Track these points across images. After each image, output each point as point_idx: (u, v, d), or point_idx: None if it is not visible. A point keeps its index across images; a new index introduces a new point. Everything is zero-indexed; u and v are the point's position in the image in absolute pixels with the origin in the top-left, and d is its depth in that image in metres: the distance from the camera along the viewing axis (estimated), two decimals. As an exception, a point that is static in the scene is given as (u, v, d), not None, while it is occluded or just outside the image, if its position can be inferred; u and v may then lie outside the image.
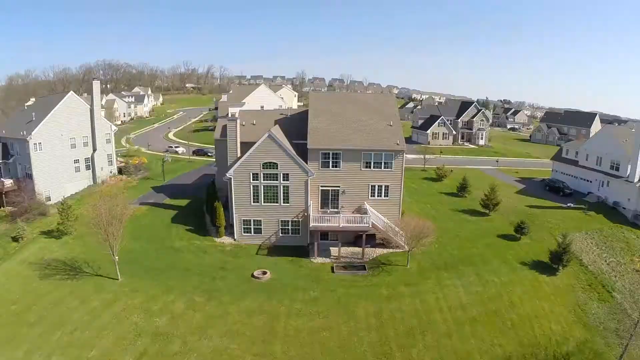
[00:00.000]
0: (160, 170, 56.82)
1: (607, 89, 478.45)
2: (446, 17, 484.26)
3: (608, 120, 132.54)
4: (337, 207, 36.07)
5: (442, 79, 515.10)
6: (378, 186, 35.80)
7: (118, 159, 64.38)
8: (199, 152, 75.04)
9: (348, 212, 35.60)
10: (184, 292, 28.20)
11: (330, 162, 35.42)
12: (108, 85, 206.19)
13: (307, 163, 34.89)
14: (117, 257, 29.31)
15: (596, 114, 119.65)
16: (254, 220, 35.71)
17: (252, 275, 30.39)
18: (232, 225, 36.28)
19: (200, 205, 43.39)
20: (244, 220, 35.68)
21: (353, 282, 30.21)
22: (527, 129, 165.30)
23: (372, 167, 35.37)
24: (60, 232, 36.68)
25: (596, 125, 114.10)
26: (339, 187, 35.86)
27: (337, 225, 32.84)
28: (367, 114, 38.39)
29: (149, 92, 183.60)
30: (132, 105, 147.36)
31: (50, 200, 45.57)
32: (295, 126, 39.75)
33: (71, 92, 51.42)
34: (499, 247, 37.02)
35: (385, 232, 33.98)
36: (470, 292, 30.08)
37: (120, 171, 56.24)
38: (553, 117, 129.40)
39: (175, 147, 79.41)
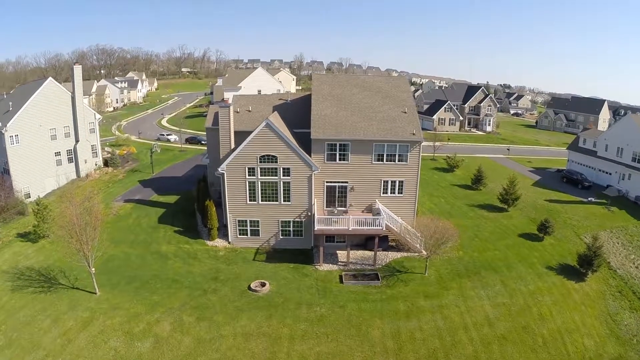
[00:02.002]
0: (149, 161, 52.51)
1: (605, 75, 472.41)
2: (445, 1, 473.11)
3: (613, 107, 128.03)
4: (344, 206, 32.03)
5: (442, 63, 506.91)
6: (391, 182, 31.63)
7: (105, 148, 60.17)
8: (191, 140, 70.35)
9: (357, 212, 31.62)
10: (170, 310, 24.27)
11: (337, 155, 31.14)
12: (102, 71, 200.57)
13: (310, 155, 30.70)
14: (93, 269, 25.35)
15: (604, 100, 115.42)
16: (250, 221, 31.63)
17: (249, 288, 26.42)
18: (225, 226, 32.30)
19: (191, 202, 39.12)
20: (239, 220, 31.61)
21: (365, 294, 26.34)
22: (531, 114, 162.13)
23: (384, 160, 31.18)
24: (37, 235, 32.71)
25: (604, 113, 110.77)
26: (346, 183, 31.72)
27: (346, 228, 28.74)
28: (378, 99, 33.95)
29: (143, 77, 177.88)
30: (125, 91, 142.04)
31: (29, 197, 41.52)
32: (296, 113, 35.43)
33: (50, 78, 46.81)
34: (522, 249, 33.54)
35: (403, 236, 30.06)
36: (497, 303, 26.55)
37: (106, 163, 51.85)
38: (560, 103, 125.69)
39: (167, 134, 74.61)
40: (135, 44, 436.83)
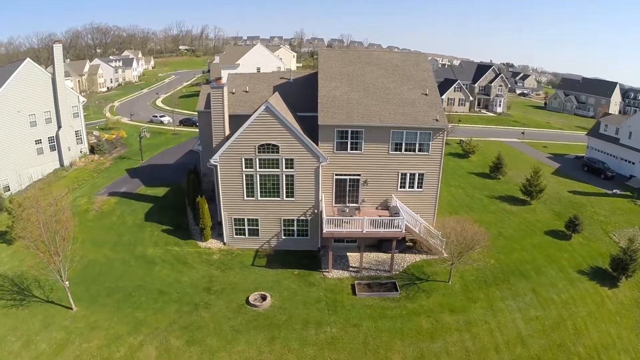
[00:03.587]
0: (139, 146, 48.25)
1: (608, 56, 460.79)
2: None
3: (622, 90, 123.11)
4: (356, 202, 28.19)
5: (443, 41, 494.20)
6: (410, 174, 27.63)
7: (94, 133, 56.00)
8: (186, 122, 65.50)
9: (370, 208, 27.80)
10: (156, 331, 20.67)
11: (349, 144, 27.02)
12: (97, 50, 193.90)
13: (317, 144, 26.64)
14: (67, 283, 21.68)
15: (616, 83, 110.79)
16: (248, 220, 27.78)
17: (248, 302, 22.72)
18: (220, 223, 28.45)
19: (182, 195, 35.06)
20: (235, 219, 27.80)
21: (382, 309, 22.71)
22: (537, 94, 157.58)
23: (402, 149, 27.11)
24: (12, 236, 28.91)
25: (616, 96, 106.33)
26: (359, 176, 27.76)
27: (360, 230, 24.85)
28: (395, 79, 29.53)
29: (139, 55, 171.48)
30: (120, 70, 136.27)
31: (9, 190, 37.72)
32: (300, 94, 31.15)
33: (27, 59, 42.19)
34: (550, 249, 30.11)
35: (425, 239, 26.32)
36: (529, 317, 23.22)
37: (92, 149, 47.67)
38: (570, 84, 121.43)
39: (161, 116, 69.74)
40: (132, 22, 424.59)
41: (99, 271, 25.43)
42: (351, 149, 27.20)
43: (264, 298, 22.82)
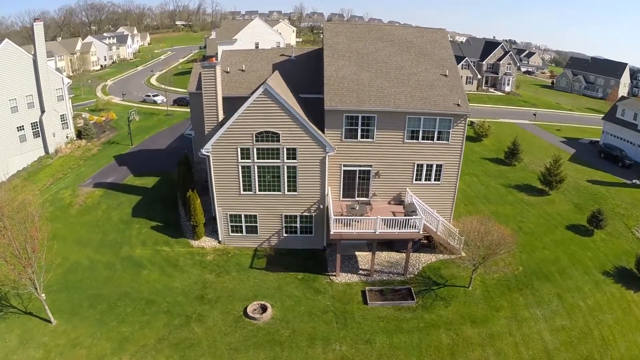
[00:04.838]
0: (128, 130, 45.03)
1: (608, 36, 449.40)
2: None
3: (632, 71, 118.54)
4: (366, 195, 25.37)
5: (443, 16, 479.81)
6: (427, 166, 24.73)
7: (83, 115, 52.74)
8: (180, 102, 61.48)
9: (382, 203, 25.02)
10: (143, 349, 18.20)
11: (359, 131, 23.98)
12: (92, 27, 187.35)
13: (323, 132, 23.63)
14: (44, 295, 19.11)
15: (626, 64, 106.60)
16: (245, 216, 25.06)
17: (246, 313, 20.16)
18: (214, 219, 25.80)
19: (173, 186, 32.10)
20: (231, 215, 25.10)
21: (397, 321, 20.16)
22: (542, 72, 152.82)
23: (420, 138, 24.13)
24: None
25: (625, 77, 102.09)
26: (370, 167, 24.89)
27: (372, 231, 21.99)
28: (410, 57, 26.15)
29: (135, 31, 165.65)
30: (114, 48, 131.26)
31: (-9, 183, 34.90)
32: (303, 73, 28.01)
33: (6, 40, 38.45)
34: (572, 247, 27.70)
35: (445, 239, 23.62)
36: (555, 327, 20.91)
37: (79, 134, 44.54)
38: (579, 64, 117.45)
39: (154, 95, 65.72)
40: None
41: (82, 276, 22.81)
42: (362, 137, 24.17)
43: (264, 309, 20.24)
